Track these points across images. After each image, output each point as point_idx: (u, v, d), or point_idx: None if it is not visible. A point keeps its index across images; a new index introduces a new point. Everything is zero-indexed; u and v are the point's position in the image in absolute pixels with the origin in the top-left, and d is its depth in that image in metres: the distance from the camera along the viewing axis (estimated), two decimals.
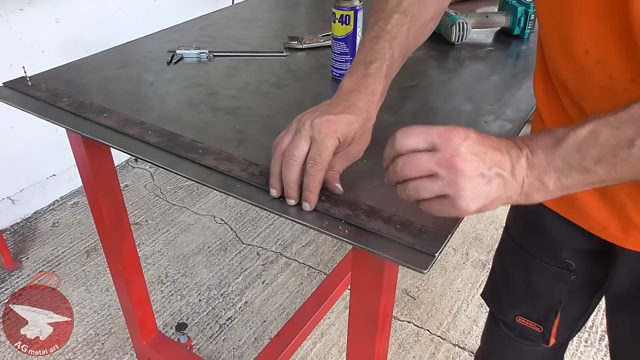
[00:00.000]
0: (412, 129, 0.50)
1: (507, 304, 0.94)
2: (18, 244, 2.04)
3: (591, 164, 0.46)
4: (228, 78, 0.97)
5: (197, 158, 0.71)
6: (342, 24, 0.88)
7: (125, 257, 1.15)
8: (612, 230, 0.68)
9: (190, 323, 1.72)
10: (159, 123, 0.80)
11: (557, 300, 0.85)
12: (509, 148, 0.49)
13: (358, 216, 0.61)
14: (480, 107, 0.86)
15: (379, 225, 0.59)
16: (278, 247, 2.05)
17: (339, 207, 0.62)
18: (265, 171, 0.67)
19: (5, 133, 1.99)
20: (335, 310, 1.77)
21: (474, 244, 2.08)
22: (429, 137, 0.49)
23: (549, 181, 0.48)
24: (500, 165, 0.48)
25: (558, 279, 0.83)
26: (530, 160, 0.48)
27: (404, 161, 0.50)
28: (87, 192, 1.05)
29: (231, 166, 0.69)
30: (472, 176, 0.48)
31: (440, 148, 0.48)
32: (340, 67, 0.93)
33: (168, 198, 2.32)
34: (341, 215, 0.61)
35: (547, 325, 0.88)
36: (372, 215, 0.61)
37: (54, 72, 0.97)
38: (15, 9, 1.89)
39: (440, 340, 1.67)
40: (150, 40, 1.12)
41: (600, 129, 0.46)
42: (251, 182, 0.66)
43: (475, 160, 0.48)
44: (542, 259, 0.83)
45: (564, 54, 0.58)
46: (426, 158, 0.49)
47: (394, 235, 0.57)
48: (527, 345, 0.94)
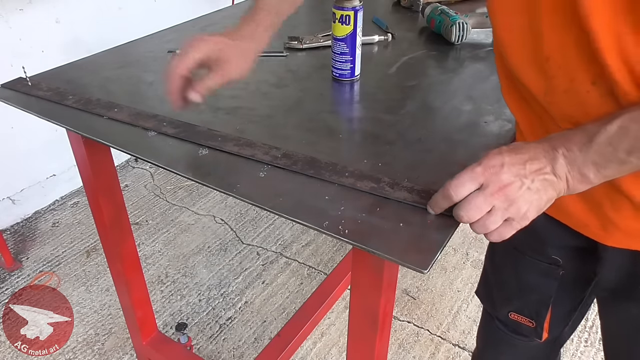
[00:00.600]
0: (460, 179, 0.56)
1: (500, 300, 0.96)
2: (18, 244, 2.04)
3: (624, 155, 0.51)
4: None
5: (218, 145, 0.73)
6: (342, 24, 0.88)
7: (125, 257, 1.15)
8: (593, 228, 0.71)
9: (190, 323, 1.72)
10: (159, 122, 0.80)
11: (547, 295, 0.87)
12: (544, 152, 0.55)
13: (382, 188, 0.65)
14: (480, 107, 0.86)
15: (404, 195, 0.64)
16: (278, 247, 2.05)
17: (363, 181, 0.66)
18: (286, 153, 0.72)
19: (5, 133, 1.99)
20: (335, 310, 1.77)
21: (474, 244, 2.08)
22: (476, 179, 0.56)
23: (589, 173, 0.54)
24: (541, 172, 0.55)
25: (547, 274, 0.85)
26: (568, 158, 0.54)
27: (465, 211, 0.56)
28: (87, 192, 1.05)
29: (253, 151, 0.72)
30: (521, 194, 0.54)
31: (487, 184, 0.55)
32: (340, 67, 0.93)
33: (168, 198, 2.32)
34: (366, 188, 0.65)
35: (539, 320, 0.90)
36: (395, 187, 0.65)
37: (55, 72, 0.97)
38: (15, 9, 1.89)
39: (440, 340, 1.67)
40: (150, 40, 1.12)
41: (628, 123, 0.51)
42: (275, 164, 0.70)
43: (519, 180, 0.54)
44: (530, 255, 0.86)
45: (530, 61, 0.61)
46: (481, 199, 0.55)
47: (418, 202, 0.62)
48: (521, 341, 0.96)
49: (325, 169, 0.68)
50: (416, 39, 1.17)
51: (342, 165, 0.69)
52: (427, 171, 0.69)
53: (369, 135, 0.79)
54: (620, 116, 0.51)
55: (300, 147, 0.74)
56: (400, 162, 0.71)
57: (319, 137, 0.78)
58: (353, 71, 0.94)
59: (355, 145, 0.78)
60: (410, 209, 0.62)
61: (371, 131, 0.80)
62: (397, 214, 0.61)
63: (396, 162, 0.71)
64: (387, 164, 0.71)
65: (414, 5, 1.33)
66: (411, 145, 0.75)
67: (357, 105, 0.90)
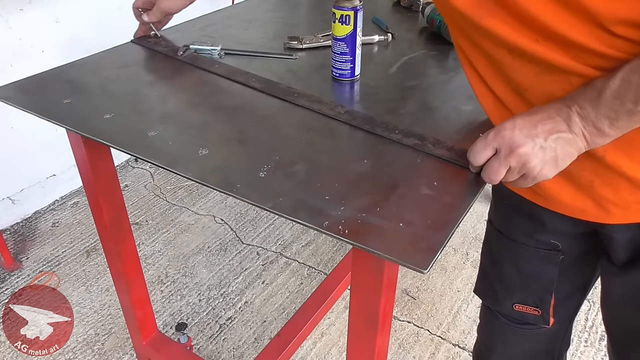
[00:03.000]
0: (474, 148, 0.63)
1: (502, 294, 0.96)
2: (18, 244, 2.04)
3: (632, 105, 0.54)
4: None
5: (293, 100, 0.86)
6: (342, 24, 0.88)
7: (125, 257, 1.15)
8: (591, 211, 0.71)
9: (190, 323, 1.72)
10: (159, 122, 0.80)
11: (549, 281, 0.88)
12: (558, 111, 0.58)
13: (425, 145, 0.73)
14: (480, 107, 0.86)
15: (443, 152, 0.72)
16: (278, 247, 2.05)
17: (409, 137, 0.75)
18: (348, 111, 0.83)
19: (5, 133, 1.99)
20: (335, 310, 1.77)
21: (474, 244, 2.08)
22: (489, 145, 0.61)
23: (603, 127, 0.56)
24: (554, 131, 0.58)
25: (547, 260, 0.86)
26: (581, 114, 0.57)
27: (487, 175, 0.63)
28: (87, 192, 1.05)
29: (320, 106, 0.84)
30: (533, 153, 0.58)
31: (500, 148, 0.60)
32: (341, 67, 0.93)
33: (168, 198, 2.32)
34: (411, 144, 0.74)
35: (544, 307, 0.91)
36: (437, 145, 0.73)
37: (54, 72, 0.97)
38: (15, 9, 1.89)
39: (440, 340, 1.67)
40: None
41: (629, 75, 0.53)
42: (339, 119, 0.81)
43: (530, 140, 0.58)
44: (528, 243, 0.87)
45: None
46: (497, 164, 0.61)
47: (455, 159, 0.70)
48: (529, 330, 0.97)
49: (379, 126, 0.79)
50: (416, 39, 1.17)
51: (394, 125, 0.79)
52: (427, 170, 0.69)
53: (369, 135, 0.79)
54: (622, 69, 0.53)
55: (300, 146, 0.74)
56: (400, 161, 0.71)
57: (319, 137, 0.78)
58: (353, 71, 0.94)
59: (356, 145, 0.78)
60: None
61: (371, 131, 0.80)
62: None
63: (396, 162, 0.71)
64: (387, 164, 0.71)
65: (414, 5, 1.33)
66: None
67: (358, 105, 0.90)
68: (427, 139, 0.75)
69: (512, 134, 0.59)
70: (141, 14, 1.04)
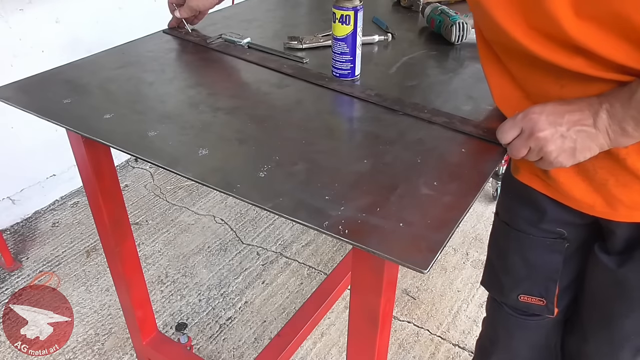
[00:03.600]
0: (503, 127, 0.68)
1: (508, 285, 0.98)
2: (18, 244, 2.04)
3: None
4: (228, 78, 0.97)
5: (326, 84, 0.91)
6: (342, 23, 0.88)
7: (125, 257, 1.15)
8: (599, 208, 0.74)
9: (190, 323, 1.72)
10: (159, 122, 0.80)
11: (554, 270, 0.91)
12: (589, 105, 0.60)
13: (454, 123, 0.79)
14: (480, 107, 0.86)
15: (470, 129, 0.77)
16: (278, 247, 2.05)
17: (439, 116, 0.81)
18: (378, 93, 0.87)
19: (5, 133, 1.99)
20: (335, 310, 1.77)
21: (474, 244, 2.08)
22: (516, 125, 0.65)
23: (628, 127, 0.58)
24: (580, 123, 0.60)
25: (552, 249, 0.89)
26: (610, 112, 0.58)
27: (510, 152, 0.68)
28: (87, 192, 1.05)
29: (352, 90, 0.89)
30: (552, 140, 0.61)
31: (524, 130, 0.64)
32: (341, 67, 0.93)
33: (168, 198, 2.32)
34: (440, 121, 0.79)
35: (549, 296, 0.94)
36: (464, 123, 0.79)
37: (54, 72, 0.97)
38: (15, 9, 1.89)
39: (440, 340, 1.67)
40: (150, 40, 1.12)
41: None
42: (370, 100, 0.86)
43: (552, 128, 0.61)
44: (535, 233, 0.89)
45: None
46: (520, 143, 0.65)
47: (482, 135, 0.75)
48: (533, 321, 0.99)
49: (408, 106, 0.83)
50: (416, 39, 1.17)
51: (422, 105, 0.84)
52: (427, 170, 0.69)
53: (369, 135, 0.79)
54: None
55: (300, 146, 0.74)
56: (400, 162, 0.71)
57: (319, 137, 0.78)
58: (353, 71, 0.94)
59: (355, 145, 0.78)
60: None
61: (371, 131, 0.80)
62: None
63: (397, 162, 0.71)
64: (387, 163, 0.71)
65: (414, 5, 1.33)
66: (412, 145, 0.75)
67: (358, 104, 0.90)
68: (455, 117, 0.80)
69: (538, 118, 0.62)
70: (175, 9, 1.10)
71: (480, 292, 1.84)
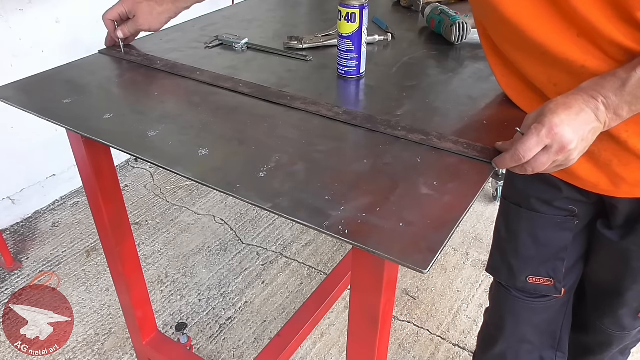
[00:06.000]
0: (528, 144, 0.62)
1: (517, 267, 1.01)
2: (18, 244, 2.04)
3: None
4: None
5: (288, 103, 0.85)
6: (348, 21, 0.89)
7: (125, 257, 1.15)
8: (603, 186, 0.79)
9: (190, 323, 1.72)
10: (158, 122, 0.80)
11: (562, 247, 0.95)
12: (586, 103, 0.62)
13: (431, 140, 0.75)
14: (480, 106, 0.86)
15: (449, 145, 0.73)
16: (278, 247, 2.05)
17: (414, 133, 0.76)
18: (347, 111, 0.82)
19: (5, 133, 1.99)
20: (335, 310, 1.77)
21: (474, 244, 2.08)
22: (542, 142, 0.62)
23: (622, 112, 0.62)
24: (590, 122, 0.62)
25: (562, 227, 0.94)
26: (606, 104, 0.62)
27: (531, 166, 0.64)
28: (87, 192, 1.05)
29: (318, 108, 0.83)
30: (577, 148, 0.62)
31: (552, 144, 0.62)
32: (346, 65, 0.93)
33: (168, 198, 2.32)
34: (417, 139, 0.75)
35: (557, 275, 0.98)
36: (442, 139, 0.75)
37: (54, 72, 0.97)
38: (15, 9, 1.89)
39: (440, 340, 1.67)
40: (150, 40, 1.12)
41: None
42: (338, 119, 0.81)
43: (576, 135, 0.61)
44: (547, 212, 0.93)
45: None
46: (546, 158, 0.63)
47: (462, 152, 0.72)
48: (541, 303, 1.02)
49: (380, 124, 0.78)
50: (416, 39, 1.17)
51: (396, 121, 0.79)
52: (427, 170, 0.69)
53: (369, 134, 0.79)
54: None
55: (300, 146, 0.74)
56: (400, 161, 0.71)
57: (319, 137, 0.78)
58: (359, 68, 0.94)
59: (355, 145, 0.78)
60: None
61: (371, 130, 0.80)
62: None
63: (397, 162, 0.71)
64: (388, 164, 0.71)
65: (414, 5, 1.33)
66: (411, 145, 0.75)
67: (357, 104, 0.90)
68: (432, 134, 0.76)
69: (562, 131, 0.61)
70: (115, 29, 1.01)
71: (480, 292, 1.84)
